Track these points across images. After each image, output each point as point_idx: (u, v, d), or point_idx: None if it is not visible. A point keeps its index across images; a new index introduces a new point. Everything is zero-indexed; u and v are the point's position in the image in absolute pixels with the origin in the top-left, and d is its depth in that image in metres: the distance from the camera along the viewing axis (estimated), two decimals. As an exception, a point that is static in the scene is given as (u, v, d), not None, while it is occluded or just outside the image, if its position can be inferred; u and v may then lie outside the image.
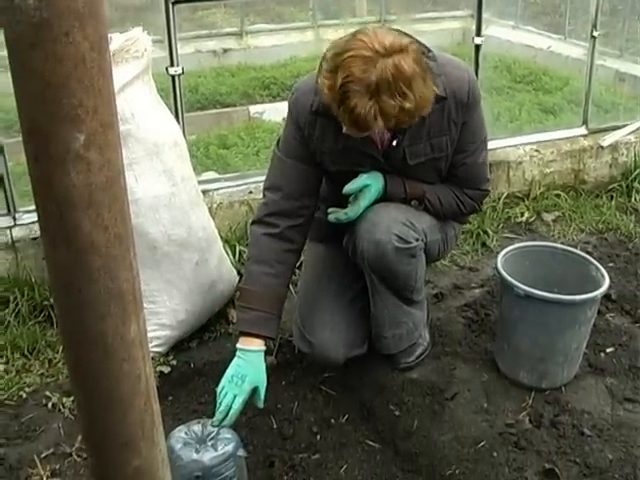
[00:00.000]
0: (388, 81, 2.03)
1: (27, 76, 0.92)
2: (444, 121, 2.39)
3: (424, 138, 2.40)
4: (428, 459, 2.30)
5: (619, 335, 2.85)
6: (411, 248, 2.42)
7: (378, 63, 2.03)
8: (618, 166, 4.14)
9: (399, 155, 2.41)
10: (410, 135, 2.38)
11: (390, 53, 2.05)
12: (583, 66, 4.21)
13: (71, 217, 0.97)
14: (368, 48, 2.04)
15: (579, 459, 2.28)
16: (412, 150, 2.41)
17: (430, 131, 2.39)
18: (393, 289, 2.53)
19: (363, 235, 2.43)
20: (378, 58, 2.04)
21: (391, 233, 2.39)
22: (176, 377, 2.70)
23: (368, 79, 2.02)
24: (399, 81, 2.04)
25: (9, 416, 2.51)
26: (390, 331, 2.63)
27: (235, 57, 7.01)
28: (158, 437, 1.21)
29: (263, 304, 2.38)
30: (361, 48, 2.05)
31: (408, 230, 2.42)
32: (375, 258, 2.42)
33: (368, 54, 2.04)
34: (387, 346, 2.67)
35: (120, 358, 1.09)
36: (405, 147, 2.40)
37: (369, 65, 2.03)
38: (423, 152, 2.43)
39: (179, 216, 2.76)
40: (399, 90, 2.04)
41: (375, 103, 2.04)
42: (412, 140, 2.39)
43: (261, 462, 2.32)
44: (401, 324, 2.63)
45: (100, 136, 0.95)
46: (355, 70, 2.03)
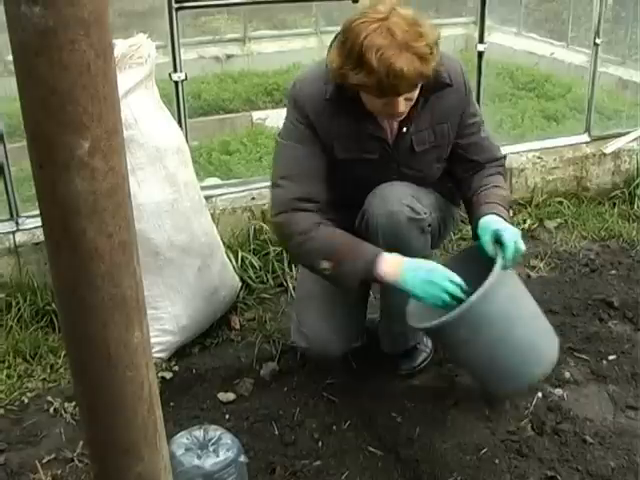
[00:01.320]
0: (406, 30, 2.12)
1: (32, 83, 0.92)
2: (445, 109, 2.44)
3: (428, 125, 2.44)
4: (430, 466, 2.30)
5: (621, 343, 2.85)
6: (421, 220, 2.42)
7: (391, 24, 2.12)
8: (621, 173, 4.14)
9: (407, 143, 2.43)
10: (416, 123, 2.41)
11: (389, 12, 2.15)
12: (586, 73, 4.21)
13: (75, 224, 0.97)
14: (372, 21, 2.14)
15: (581, 467, 2.27)
16: (418, 137, 2.44)
17: (433, 118, 2.43)
18: None
19: (376, 209, 2.42)
20: (385, 22, 2.13)
21: (403, 204, 2.39)
22: (178, 383, 2.70)
23: (394, 40, 2.11)
24: (412, 25, 2.14)
25: (11, 421, 2.51)
26: (397, 327, 2.62)
27: (238, 63, 7.02)
28: (161, 443, 1.21)
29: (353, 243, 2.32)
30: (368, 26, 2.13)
31: (416, 202, 2.43)
32: (389, 228, 2.41)
33: (377, 25, 2.13)
34: (395, 343, 2.67)
35: (123, 365, 1.09)
36: (412, 134, 2.42)
37: (384, 31, 2.12)
38: (427, 139, 2.46)
39: (182, 222, 2.76)
40: (417, 32, 2.14)
41: (412, 54, 2.12)
42: (417, 127, 2.42)
43: (262, 468, 2.32)
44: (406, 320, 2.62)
45: (104, 143, 0.95)
46: (380, 41, 2.11)
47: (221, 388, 2.66)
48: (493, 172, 2.57)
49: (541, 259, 3.49)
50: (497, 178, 2.56)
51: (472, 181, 2.56)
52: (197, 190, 2.92)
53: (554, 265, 3.45)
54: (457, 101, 2.45)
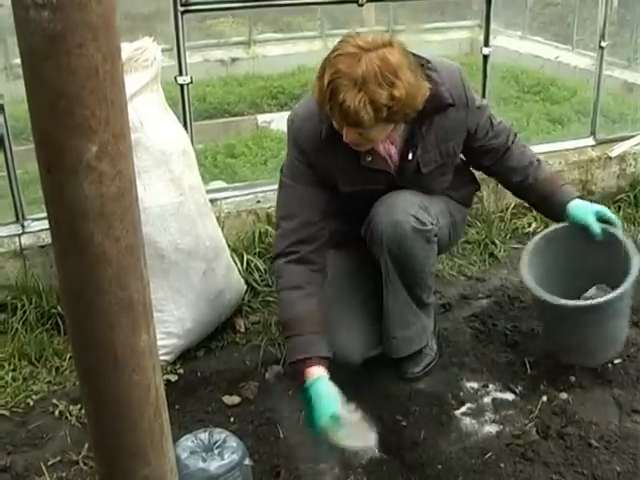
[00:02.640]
0: (375, 72, 2.08)
1: (40, 87, 0.93)
2: (449, 127, 2.44)
3: (433, 145, 2.44)
4: (435, 470, 2.30)
5: (627, 346, 2.83)
6: (427, 231, 2.44)
7: (363, 57, 2.09)
8: (626, 177, 4.13)
9: (412, 166, 2.44)
10: (422, 146, 2.41)
11: (375, 47, 2.12)
12: (591, 76, 4.20)
13: (83, 227, 0.97)
14: (353, 46, 2.12)
15: (586, 471, 2.27)
16: (424, 159, 2.44)
17: (438, 138, 2.43)
18: (406, 280, 2.53)
19: (381, 217, 2.44)
20: (363, 53, 2.10)
21: (408, 214, 2.41)
22: (183, 386, 2.70)
23: (355, 72, 2.08)
24: (385, 71, 2.09)
25: (16, 423, 2.51)
26: (400, 331, 2.63)
27: (243, 66, 7.03)
28: (167, 447, 1.21)
29: (306, 327, 2.36)
30: (346, 47, 2.13)
31: (423, 213, 2.44)
32: (393, 239, 2.43)
33: (353, 50, 2.11)
34: (397, 348, 2.66)
35: (130, 368, 1.09)
36: (419, 158, 2.43)
37: (354, 60, 2.09)
38: (434, 159, 2.47)
39: (187, 225, 2.77)
40: (387, 79, 2.10)
41: (364, 95, 2.08)
42: (424, 150, 2.42)
43: (267, 471, 2.32)
44: (410, 325, 2.64)
45: (112, 147, 0.96)
46: (341, 66, 2.09)
47: (226, 391, 2.66)
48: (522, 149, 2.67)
49: (546, 262, 3.48)
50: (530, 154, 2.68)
51: (510, 167, 2.65)
52: (202, 193, 2.92)
53: (559, 269, 3.45)
54: (461, 117, 2.45)
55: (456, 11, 7.63)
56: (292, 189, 2.46)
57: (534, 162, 2.67)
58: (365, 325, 2.61)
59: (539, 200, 2.71)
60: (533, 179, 2.65)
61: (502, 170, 2.69)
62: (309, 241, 2.43)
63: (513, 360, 2.78)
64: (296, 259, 2.42)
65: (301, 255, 2.42)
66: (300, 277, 2.41)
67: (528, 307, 3.10)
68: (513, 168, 2.66)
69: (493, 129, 2.60)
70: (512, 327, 2.97)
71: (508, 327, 2.97)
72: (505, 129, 2.64)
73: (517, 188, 2.73)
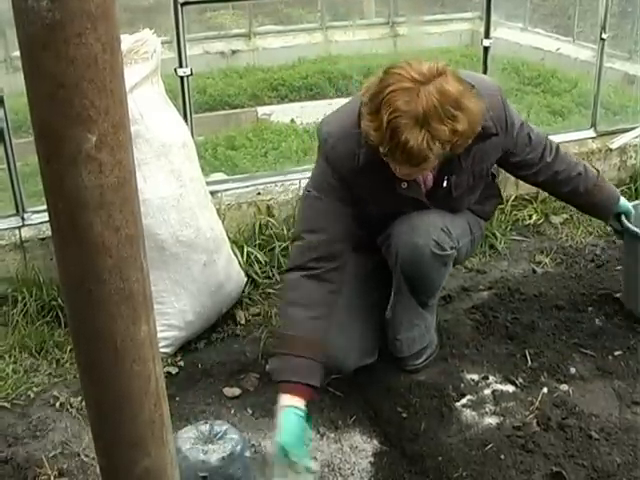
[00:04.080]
0: (435, 107, 1.96)
1: (39, 77, 0.92)
2: (486, 151, 2.38)
3: (469, 169, 2.38)
4: (435, 461, 2.30)
5: (627, 338, 2.84)
6: (445, 256, 2.43)
7: (421, 91, 1.97)
8: (627, 169, 4.13)
9: (444, 191, 2.39)
10: (458, 172, 2.36)
11: (430, 79, 1.99)
12: (592, 68, 4.19)
13: (82, 218, 0.97)
14: (407, 79, 1.99)
15: (587, 462, 2.27)
16: (457, 183, 2.40)
17: (474, 163, 2.37)
18: (415, 292, 2.54)
19: (401, 236, 2.40)
20: (419, 87, 1.98)
21: (430, 239, 2.37)
22: (183, 378, 2.70)
23: (415, 110, 1.96)
24: (446, 104, 1.98)
25: (17, 415, 2.52)
26: (405, 334, 2.64)
27: (243, 58, 7.02)
28: (167, 437, 1.21)
29: (306, 350, 2.23)
30: (400, 81, 1.99)
31: (445, 237, 2.41)
32: (410, 261, 2.41)
33: (409, 85, 1.98)
34: (400, 348, 2.67)
35: (130, 359, 1.09)
36: (452, 183, 2.38)
37: (412, 95, 1.97)
38: (466, 183, 2.42)
39: (187, 217, 2.77)
40: (448, 114, 1.98)
41: (427, 132, 1.97)
42: (458, 174, 2.37)
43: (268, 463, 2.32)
44: (414, 327, 2.64)
45: (111, 137, 0.95)
46: (400, 104, 1.96)
47: (227, 383, 2.66)
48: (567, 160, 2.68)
49: (547, 254, 3.48)
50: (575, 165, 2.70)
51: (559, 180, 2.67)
52: (203, 185, 2.92)
53: (560, 260, 3.45)
54: (498, 141, 2.38)
55: (457, 3, 7.62)
56: (319, 202, 2.34)
57: (582, 172, 2.69)
58: (365, 333, 2.60)
59: (588, 206, 2.83)
60: (584, 188, 2.70)
61: (551, 182, 2.69)
62: (331, 259, 2.32)
63: (513, 352, 2.78)
64: (315, 275, 2.30)
65: (321, 272, 2.30)
66: (314, 296, 2.30)
67: (528, 299, 3.11)
68: (561, 180, 2.67)
69: (531, 143, 2.56)
70: (512, 319, 2.97)
71: (508, 319, 2.97)
72: (540, 143, 2.60)
73: (567, 197, 2.81)
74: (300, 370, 2.21)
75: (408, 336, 2.65)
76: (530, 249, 3.56)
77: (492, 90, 2.34)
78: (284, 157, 4.63)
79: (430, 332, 2.72)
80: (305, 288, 2.30)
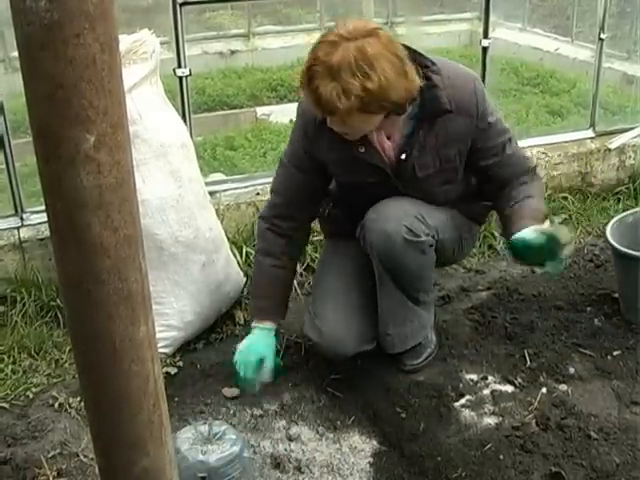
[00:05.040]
0: (349, 62, 2.10)
1: (37, 77, 0.92)
2: (452, 134, 2.40)
3: (432, 149, 2.41)
4: (434, 461, 2.30)
5: (626, 338, 2.84)
6: (420, 242, 2.42)
7: (341, 46, 2.12)
8: (625, 169, 4.12)
9: (408, 168, 2.43)
10: (418, 148, 2.39)
11: (355, 37, 2.13)
12: (590, 68, 4.19)
13: (81, 218, 0.97)
14: (336, 35, 2.14)
15: (585, 462, 2.27)
16: (420, 162, 2.42)
17: (438, 142, 2.40)
18: (400, 284, 2.54)
19: (372, 225, 2.45)
20: (342, 42, 2.13)
21: (401, 225, 2.40)
22: (182, 378, 2.70)
23: (330, 61, 2.11)
24: (360, 61, 2.10)
25: (16, 416, 2.51)
26: (394, 329, 2.63)
27: (242, 59, 7.02)
28: (166, 438, 1.21)
29: (273, 293, 2.57)
30: (330, 35, 2.16)
31: (419, 224, 2.43)
32: (383, 249, 2.43)
33: (334, 39, 2.14)
34: (391, 344, 2.67)
35: (129, 359, 1.09)
36: (414, 160, 2.41)
37: (333, 48, 2.12)
38: (432, 164, 2.44)
39: (186, 217, 2.77)
40: (361, 70, 2.10)
41: (337, 84, 2.10)
42: (421, 152, 2.40)
43: (267, 463, 2.32)
44: (406, 322, 2.64)
45: (110, 137, 0.95)
46: (320, 54, 2.14)
47: (226, 383, 2.66)
48: (525, 180, 2.52)
49: (546, 255, 3.48)
50: (529, 188, 2.52)
51: (504, 195, 2.51)
52: (202, 185, 2.92)
53: (559, 261, 3.44)
54: (465, 127, 2.40)
55: (455, 3, 7.62)
56: (285, 169, 2.56)
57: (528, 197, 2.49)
58: (362, 320, 2.61)
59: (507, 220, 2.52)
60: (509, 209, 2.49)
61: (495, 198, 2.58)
62: (292, 219, 2.57)
63: (512, 352, 2.78)
64: (277, 231, 2.57)
65: (282, 230, 2.57)
66: (277, 248, 2.57)
67: (527, 299, 3.11)
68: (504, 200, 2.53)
69: (503, 156, 2.49)
70: (511, 319, 2.97)
71: (507, 319, 2.97)
72: (519, 165, 2.54)
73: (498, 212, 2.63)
74: (267, 310, 2.56)
75: (399, 332, 2.64)
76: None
77: (467, 76, 2.44)
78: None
79: (425, 330, 2.72)
80: (269, 240, 2.59)
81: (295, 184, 2.53)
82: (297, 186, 2.54)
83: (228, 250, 3.03)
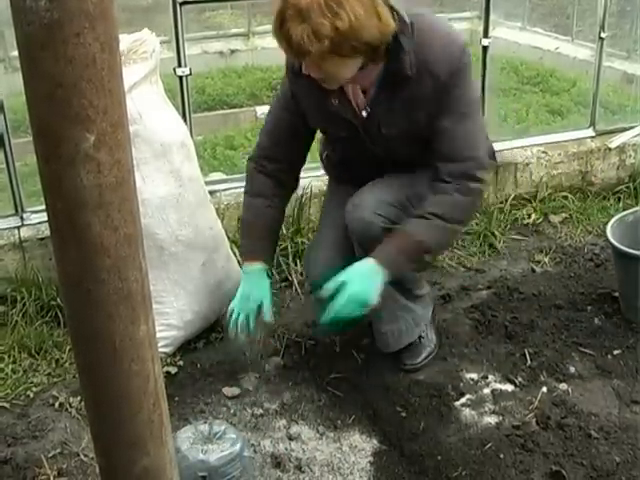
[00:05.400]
0: (318, 3, 2.06)
1: (38, 77, 0.92)
2: (421, 96, 2.32)
3: (399, 110, 2.36)
4: (434, 460, 2.30)
5: (627, 337, 2.84)
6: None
7: None
8: (625, 168, 4.12)
9: (374, 125, 2.41)
10: (386, 106, 2.37)
11: None
12: (591, 67, 4.19)
13: (81, 217, 0.97)
14: None
15: (586, 461, 2.27)
16: (387, 120, 2.39)
17: (405, 104, 2.35)
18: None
19: (352, 214, 2.47)
20: None
21: (375, 215, 2.41)
22: (183, 377, 2.70)
23: (299, 4, 2.07)
24: (329, 1, 2.06)
25: (16, 415, 2.52)
26: (388, 326, 2.64)
27: (242, 58, 7.03)
28: (166, 437, 1.21)
29: (265, 234, 2.60)
30: None
31: (397, 212, 2.42)
32: (363, 237, 2.44)
33: None
34: (386, 342, 2.67)
35: (129, 358, 1.09)
36: (380, 117, 2.39)
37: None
38: (400, 123, 2.39)
39: (186, 217, 2.77)
40: (330, 9, 2.06)
41: (307, 25, 2.07)
42: (388, 111, 2.38)
43: (267, 463, 2.32)
44: (399, 319, 2.64)
45: (110, 136, 0.95)
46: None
47: (226, 383, 2.66)
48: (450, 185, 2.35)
49: (546, 254, 3.48)
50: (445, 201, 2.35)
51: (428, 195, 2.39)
52: (202, 185, 2.92)
53: (559, 260, 3.45)
54: (432, 90, 2.30)
55: (455, 2, 7.59)
56: (276, 111, 2.62)
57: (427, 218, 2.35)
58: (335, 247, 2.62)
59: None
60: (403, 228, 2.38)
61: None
62: (279, 161, 2.59)
63: (513, 351, 2.78)
64: (265, 172, 2.59)
65: (270, 171, 2.59)
66: (267, 189, 2.60)
67: (528, 298, 3.11)
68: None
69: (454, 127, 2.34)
70: (512, 318, 2.97)
71: (508, 318, 2.97)
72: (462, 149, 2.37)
73: None
74: (257, 250, 2.59)
75: (392, 328, 2.64)
76: (529, 248, 3.56)
77: (452, 40, 2.33)
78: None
79: (419, 327, 2.72)
80: (258, 181, 2.61)
81: (283, 124, 2.56)
82: (284, 126, 2.56)
83: (228, 249, 3.03)
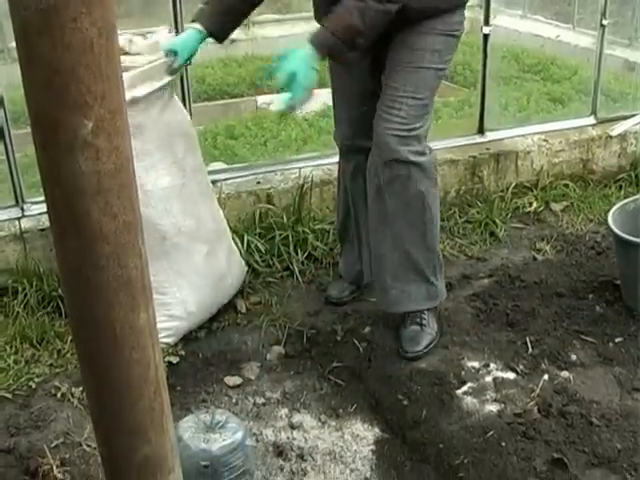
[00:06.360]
0: None
1: (35, 63, 0.92)
2: None
3: None
4: (436, 448, 2.30)
5: (628, 325, 2.84)
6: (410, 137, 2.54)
7: None
8: (627, 156, 4.11)
9: None
10: None
11: None
12: (592, 55, 4.18)
13: (80, 204, 0.97)
14: None
15: (587, 449, 2.27)
16: None
17: None
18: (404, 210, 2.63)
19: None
20: None
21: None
22: (184, 367, 2.70)
23: None
24: None
25: (19, 406, 2.52)
26: (397, 284, 2.71)
27: (242, 47, 6.99)
28: (167, 425, 1.21)
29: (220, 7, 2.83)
30: None
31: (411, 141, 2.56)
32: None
33: None
34: (391, 300, 2.75)
35: (129, 346, 1.09)
36: None
37: None
38: None
39: (189, 207, 2.76)
40: None
41: None
42: None
43: (270, 451, 2.33)
44: (412, 282, 2.71)
45: (108, 123, 0.95)
46: None
47: (227, 372, 2.66)
48: None
49: (547, 242, 3.48)
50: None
51: None
52: (205, 175, 2.92)
53: (560, 248, 3.44)
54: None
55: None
56: None
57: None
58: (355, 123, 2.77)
59: None
60: None
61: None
62: None
63: (514, 339, 2.78)
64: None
65: None
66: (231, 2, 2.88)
67: (529, 286, 3.11)
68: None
69: None
70: (513, 306, 2.97)
71: (509, 306, 2.97)
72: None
73: None
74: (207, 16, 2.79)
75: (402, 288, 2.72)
76: (530, 236, 3.56)
77: None
78: (283, 146, 4.63)
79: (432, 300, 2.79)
80: None
81: None
82: None
83: (230, 240, 3.02)
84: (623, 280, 2.99)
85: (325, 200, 3.47)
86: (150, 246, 2.58)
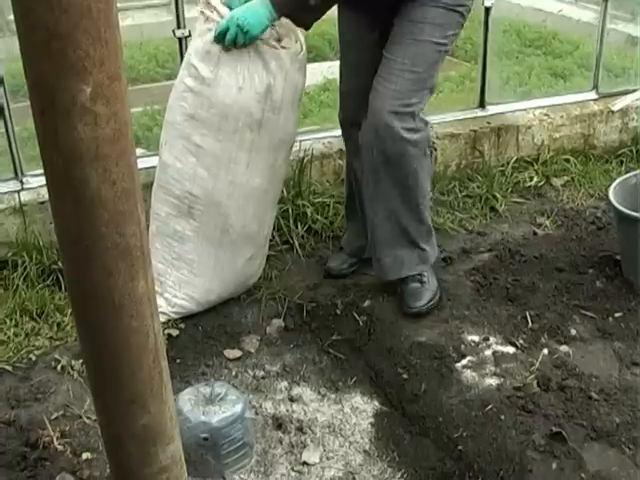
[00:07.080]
0: None
1: (32, 27, 0.90)
2: None
3: None
4: (435, 422, 2.31)
5: (628, 300, 2.84)
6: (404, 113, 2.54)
7: None
8: (628, 131, 4.10)
9: None
10: None
11: None
12: (594, 30, 4.15)
13: (78, 171, 0.96)
14: None
15: (586, 422, 2.28)
16: None
17: None
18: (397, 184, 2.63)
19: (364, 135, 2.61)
20: None
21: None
22: (184, 340, 2.70)
23: None
24: None
25: (19, 378, 2.52)
26: (389, 251, 2.75)
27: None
28: (167, 395, 1.21)
29: None
30: None
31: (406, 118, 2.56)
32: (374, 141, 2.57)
33: None
34: (384, 269, 2.78)
35: (128, 315, 1.08)
36: None
37: None
38: None
39: (260, 212, 2.77)
40: None
41: None
42: None
43: (269, 424, 2.33)
44: (403, 248, 2.75)
45: (107, 88, 0.94)
46: None
47: (227, 345, 2.67)
48: None
49: (547, 216, 3.47)
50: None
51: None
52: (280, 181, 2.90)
53: (560, 223, 3.44)
54: None
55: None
56: None
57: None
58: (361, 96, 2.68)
59: None
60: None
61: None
62: None
63: (514, 313, 2.78)
64: None
65: None
66: None
67: (529, 261, 3.10)
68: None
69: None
70: (513, 281, 2.97)
71: (509, 281, 2.97)
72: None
73: None
74: None
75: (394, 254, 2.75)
76: (531, 211, 3.55)
77: None
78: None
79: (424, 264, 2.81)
80: None
81: None
82: None
83: (267, 248, 3.00)
84: (623, 255, 2.99)
85: (325, 174, 3.46)
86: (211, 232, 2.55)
